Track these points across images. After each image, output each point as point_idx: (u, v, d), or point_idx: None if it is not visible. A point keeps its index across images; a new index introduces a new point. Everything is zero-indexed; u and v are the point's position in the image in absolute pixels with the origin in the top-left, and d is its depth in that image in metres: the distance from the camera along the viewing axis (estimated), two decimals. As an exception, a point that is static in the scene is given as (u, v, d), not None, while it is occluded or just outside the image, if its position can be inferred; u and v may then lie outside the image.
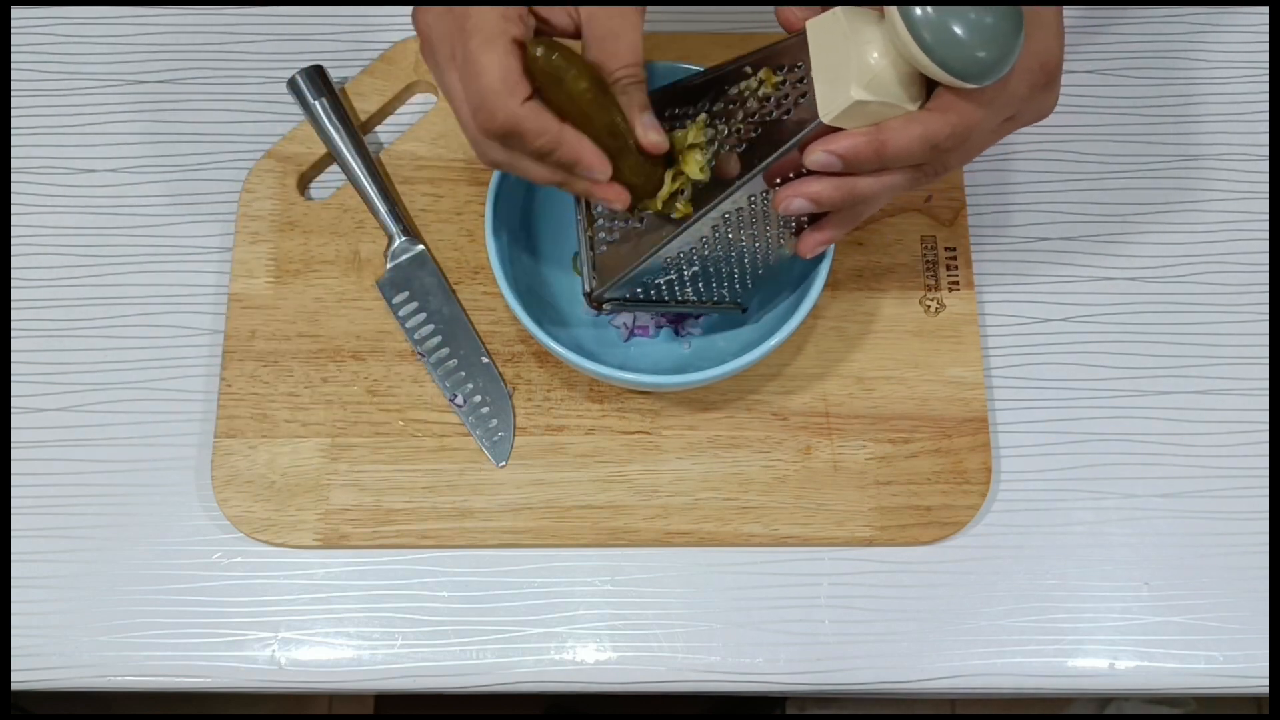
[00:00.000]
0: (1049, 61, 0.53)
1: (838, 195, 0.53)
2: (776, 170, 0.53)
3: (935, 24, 0.47)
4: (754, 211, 0.56)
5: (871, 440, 0.66)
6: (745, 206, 0.56)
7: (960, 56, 0.47)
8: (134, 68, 0.74)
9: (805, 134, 0.51)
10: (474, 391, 0.67)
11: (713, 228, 0.56)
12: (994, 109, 0.52)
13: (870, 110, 0.50)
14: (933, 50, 0.47)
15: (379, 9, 0.76)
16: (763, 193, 0.55)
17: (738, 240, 0.58)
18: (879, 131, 0.51)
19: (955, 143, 0.51)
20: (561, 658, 0.63)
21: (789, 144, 0.52)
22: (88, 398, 0.67)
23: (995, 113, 0.52)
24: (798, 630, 0.64)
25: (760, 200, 0.56)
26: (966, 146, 0.53)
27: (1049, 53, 0.53)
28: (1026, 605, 0.64)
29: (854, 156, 0.51)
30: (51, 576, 0.64)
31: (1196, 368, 0.69)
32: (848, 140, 0.51)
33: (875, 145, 0.51)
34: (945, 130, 0.51)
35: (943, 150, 0.52)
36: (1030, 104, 0.54)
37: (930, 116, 0.51)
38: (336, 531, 0.64)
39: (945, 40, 0.47)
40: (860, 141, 0.51)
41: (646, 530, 0.65)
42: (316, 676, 0.63)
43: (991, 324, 0.70)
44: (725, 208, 0.55)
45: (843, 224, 0.57)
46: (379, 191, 0.69)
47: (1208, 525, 0.66)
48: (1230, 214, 0.72)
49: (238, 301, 0.68)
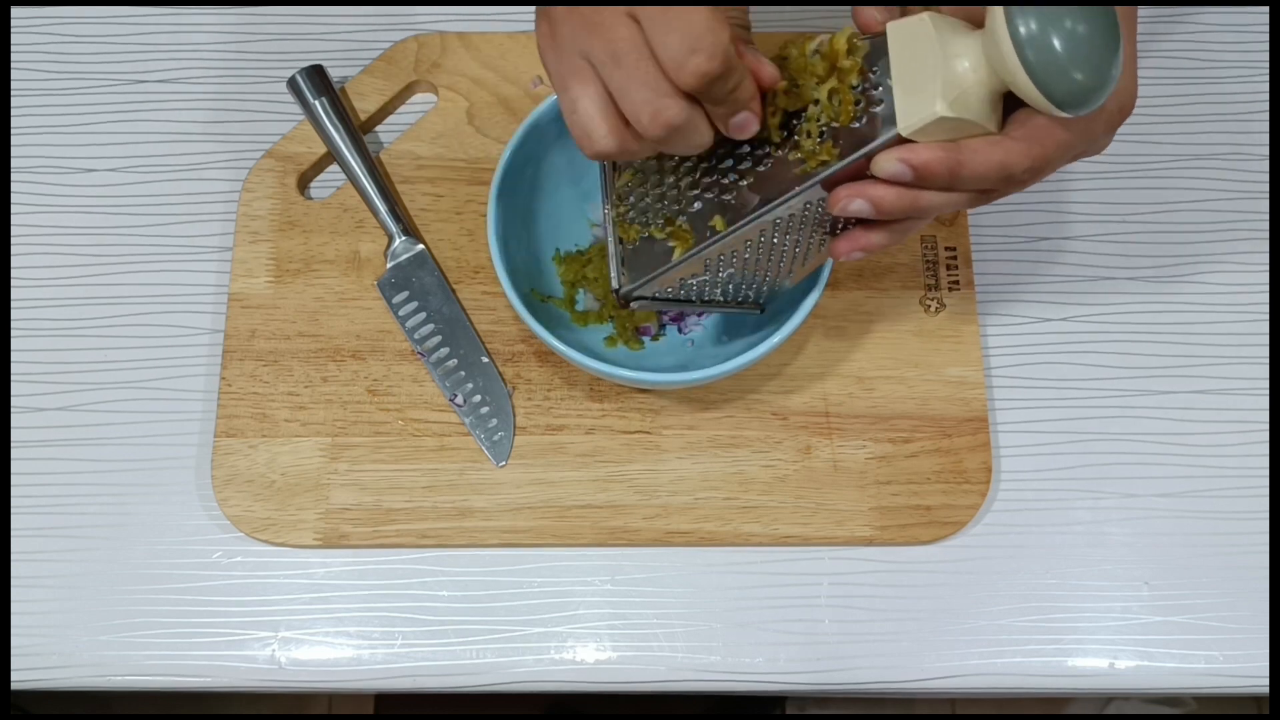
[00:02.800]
0: (1126, 104, 0.51)
1: (900, 204, 0.50)
2: (839, 177, 0.51)
3: (1040, 44, 0.44)
4: (805, 218, 0.54)
5: (871, 440, 0.66)
6: (799, 213, 0.53)
7: (1062, 82, 0.45)
8: (134, 68, 0.75)
9: (879, 144, 0.48)
10: (474, 391, 0.67)
11: (760, 231, 0.54)
12: (1073, 146, 0.50)
13: (951, 126, 0.48)
14: (1035, 71, 0.44)
15: (379, 9, 0.76)
16: (819, 200, 0.52)
17: (781, 244, 0.56)
18: (958, 151, 0.48)
19: (1029, 175, 0.49)
20: (561, 657, 0.63)
21: (860, 152, 0.49)
22: (88, 397, 0.67)
23: (1071, 149, 0.50)
24: (798, 630, 0.64)
25: (815, 207, 0.53)
26: (1034, 179, 0.51)
27: (1126, 93, 0.51)
28: (1026, 605, 0.64)
29: (928, 172, 0.48)
30: (51, 576, 0.64)
31: (1196, 368, 0.69)
32: (926, 154, 0.48)
33: (952, 164, 0.48)
34: (1025, 162, 0.49)
35: (1014, 180, 0.50)
36: (1097, 144, 0.52)
37: (1011, 145, 0.48)
38: (336, 531, 0.64)
39: (1048, 62, 0.44)
40: (939, 157, 0.48)
41: (646, 530, 0.65)
42: (316, 676, 0.63)
43: (991, 324, 0.70)
44: (779, 213, 0.52)
45: (889, 236, 0.54)
46: (379, 191, 0.69)
47: (1207, 525, 0.66)
48: (1230, 214, 0.72)
49: (238, 301, 0.68)
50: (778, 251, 0.56)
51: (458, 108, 0.73)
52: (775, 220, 0.53)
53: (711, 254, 0.55)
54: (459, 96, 0.73)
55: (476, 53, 0.74)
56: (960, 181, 0.49)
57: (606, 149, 0.49)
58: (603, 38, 0.47)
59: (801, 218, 0.53)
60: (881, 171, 0.49)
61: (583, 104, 0.49)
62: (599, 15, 0.47)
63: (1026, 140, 0.48)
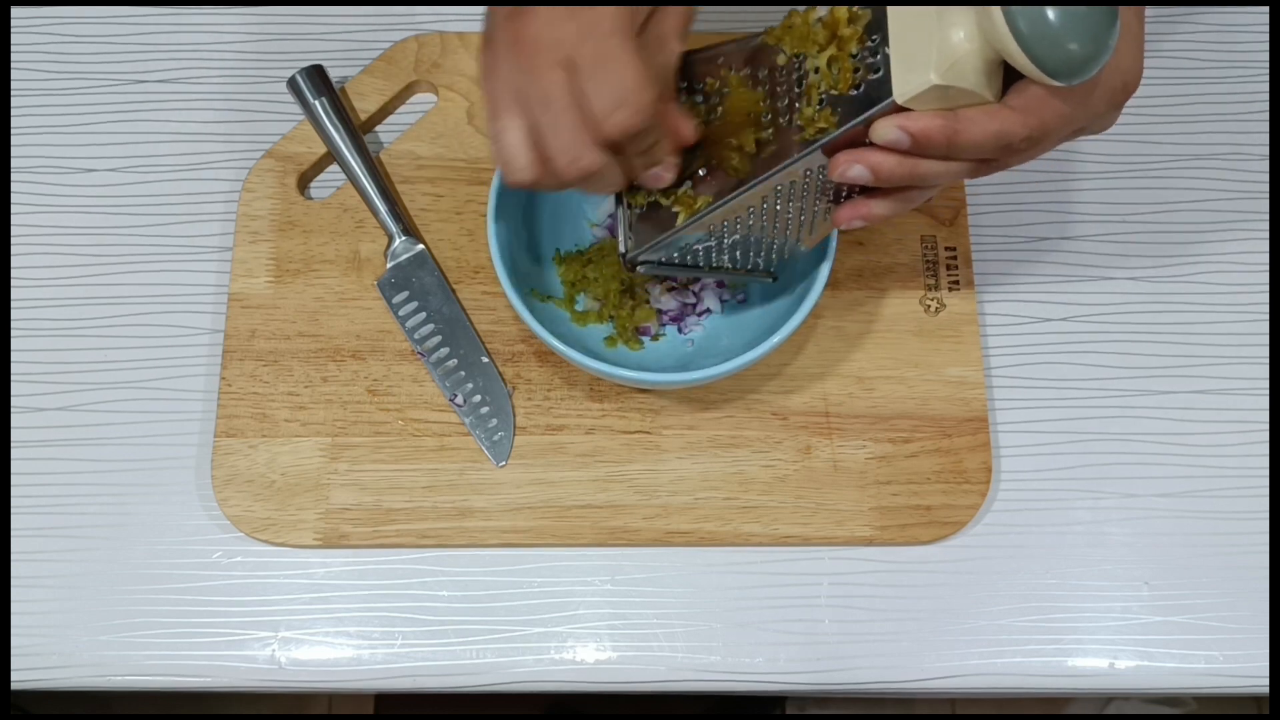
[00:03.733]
0: (1130, 81, 0.52)
1: (899, 171, 0.51)
2: (838, 144, 0.51)
3: (1032, 14, 0.45)
4: (806, 184, 0.55)
5: (871, 440, 0.66)
6: (800, 179, 0.54)
7: (1055, 52, 0.45)
8: (134, 68, 0.75)
9: (875, 111, 0.49)
10: (474, 391, 0.67)
11: (762, 198, 0.55)
12: (1071, 118, 0.50)
13: (947, 95, 0.48)
14: (1027, 41, 0.45)
15: (379, 9, 0.76)
16: (820, 166, 0.53)
17: (785, 211, 0.56)
18: (955, 120, 0.49)
19: (1027, 145, 0.50)
20: (561, 657, 0.63)
21: (858, 119, 0.50)
22: (87, 397, 0.67)
23: (1071, 122, 0.51)
24: (798, 630, 0.64)
25: (816, 174, 0.54)
26: (1034, 150, 0.52)
27: (1131, 72, 0.52)
28: (1026, 605, 0.64)
29: (925, 139, 0.49)
30: (51, 576, 0.64)
31: (1196, 368, 0.69)
32: (923, 121, 0.49)
33: (949, 132, 0.49)
34: (1022, 131, 0.49)
35: (1013, 150, 0.50)
36: (1101, 120, 0.53)
37: (1008, 114, 0.49)
38: (336, 531, 0.64)
39: (1041, 33, 0.45)
40: (935, 125, 0.49)
41: (646, 530, 0.65)
42: (316, 676, 0.63)
43: (991, 324, 0.70)
44: (780, 179, 0.53)
45: (891, 205, 0.55)
46: (379, 191, 0.69)
47: (1207, 525, 0.66)
48: (1230, 214, 0.72)
49: (238, 301, 0.68)
50: (782, 218, 0.57)
51: (458, 108, 0.73)
52: (777, 186, 0.54)
53: (715, 219, 0.56)
54: (459, 96, 0.73)
55: (476, 53, 0.74)
56: (958, 149, 0.50)
57: (525, 180, 0.53)
58: (538, 80, 0.50)
59: (804, 184, 0.54)
60: (879, 138, 0.50)
61: (510, 135, 0.52)
62: (538, 58, 0.50)
63: (1024, 110, 0.49)
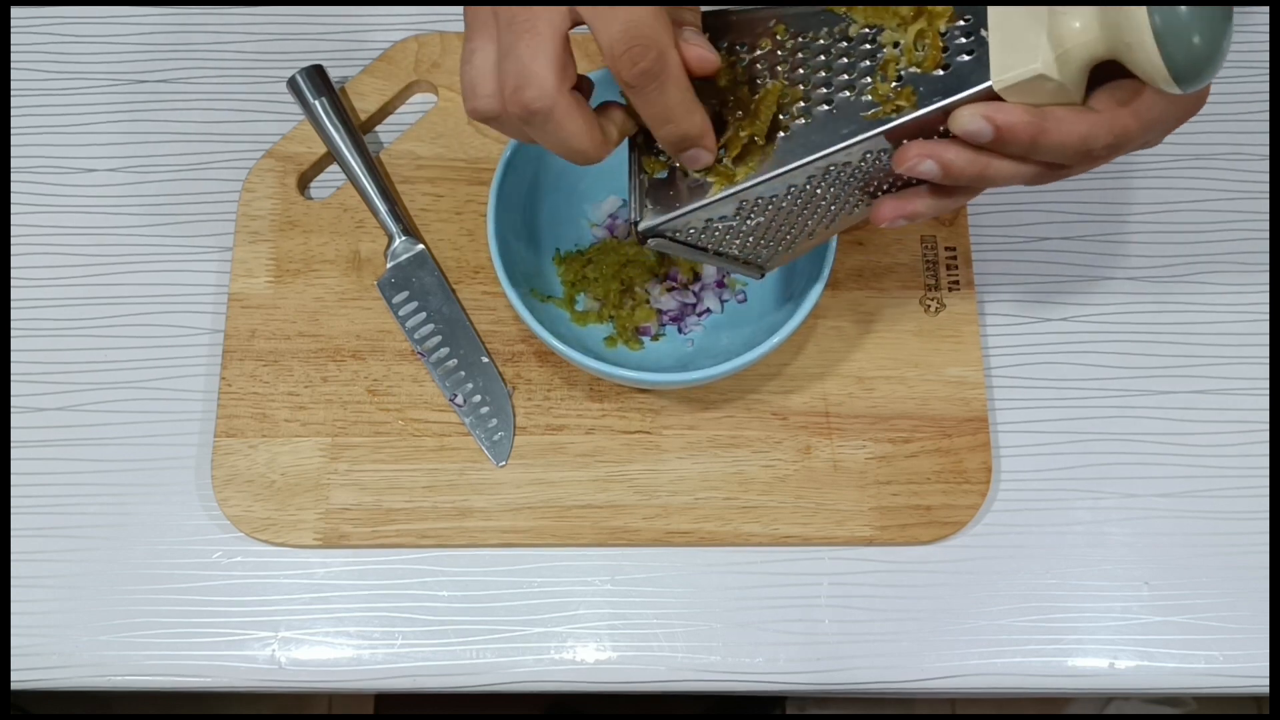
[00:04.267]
0: (1203, 100, 0.50)
1: (970, 170, 0.47)
2: (910, 128, 0.47)
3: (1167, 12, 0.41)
4: (857, 169, 0.49)
5: (871, 440, 0.66)
6: (855, 162, 0.49)
7: (1184, 51, 0.41)
8: (134, 68, 0.75)
9: (967, 95, 0.45)
10: (474, 391, 0.67)
11: (808, 178, 0.49)
12: (1151, 127, 0.47)
13: (1042, 89, 0.44)
14: (1163, 37, 0.41)
15: (379, 9, 0.76)
16: (881, 151, 0.48)
17: (822, 197, 0.51)
18: (1043, 117, 0.45)
19: (1107, 152, 0.47)
20: (561, 657, 0.63)
21: (943, 102, 0.45)
22: (87, 397, 0.67)
23: (1148, 134, 0.48)
24: (798, 630, 0.64)
25: (874, 159, 0.49)
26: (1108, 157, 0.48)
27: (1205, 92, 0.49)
28: (1026, 605, 0.64)
29: (1010, 134, 0.45)
30: (51, 576, 0.64)
31: (1196, 368, 0.69)
32: (1014, 114, 0.45)
33: (1035, 130, 0.45)
34: (1107, 138, 0.46)
35: (1091, 156, 0.47)
36: (1157, 139, 0.50)
37: (1096, 118, 0.46)
38: (336, 531, 0.64)
39: (1175, 31, 0.41)
40: (1023, 120, 0.45)
41: (646, 530, 0.65)
42: (316, 676, 0.63)
43: (991, 324, 0.70)
44: (837, 158, 0.48)
45: (937, 205, 0.50)
46: (379, 191, 0.69)
47: (1207, 525, 0.66)
48: (1230, 214, 0.72)
49: (238, 301, 0.68)
50: (813, 205, 0.52)
51: (458, 107, 0.73)
52: (830, 166, 0.49)
53: (750, 195, 0.50)
54: (459, 96, 0.73)
55: None
56: (1039, 150, 0.46)
57: (485, 109, 0.48)
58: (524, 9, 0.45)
59: (854, 169, 0.49)
60: (959, 127, 0.46)
61: (478, 57, 0.47)
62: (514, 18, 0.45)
63: (1112, 114, 0.46)
